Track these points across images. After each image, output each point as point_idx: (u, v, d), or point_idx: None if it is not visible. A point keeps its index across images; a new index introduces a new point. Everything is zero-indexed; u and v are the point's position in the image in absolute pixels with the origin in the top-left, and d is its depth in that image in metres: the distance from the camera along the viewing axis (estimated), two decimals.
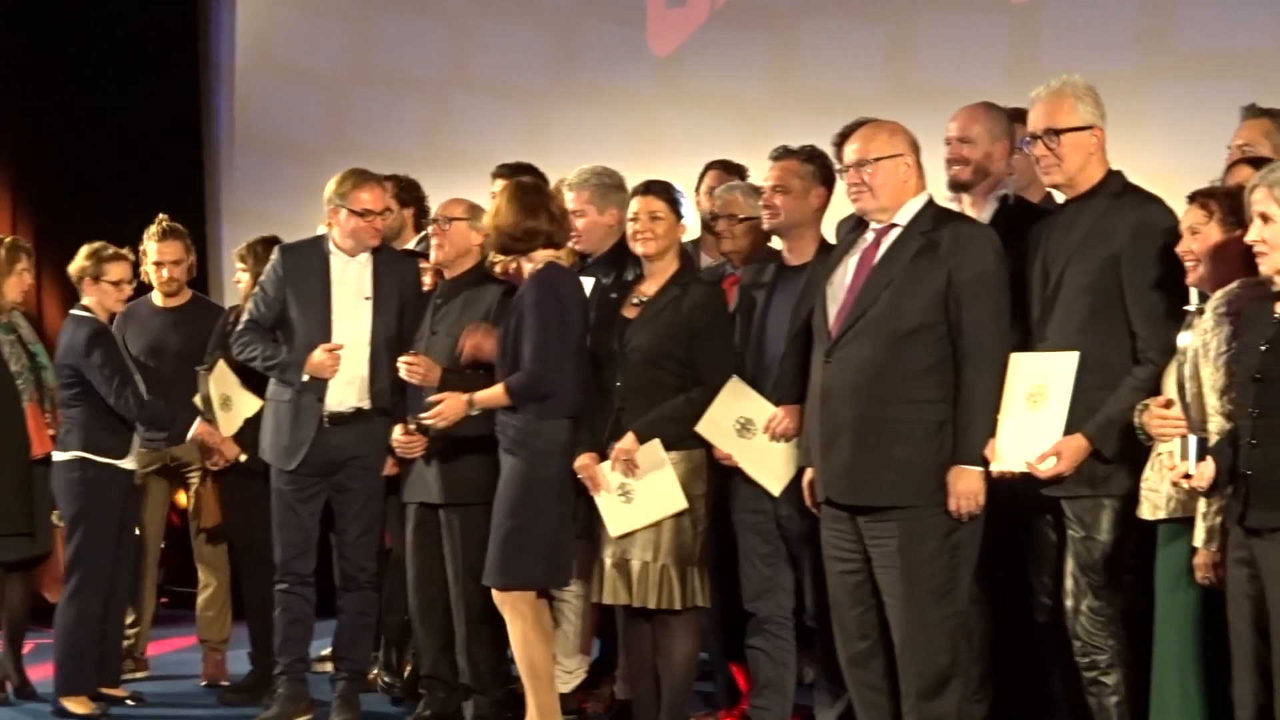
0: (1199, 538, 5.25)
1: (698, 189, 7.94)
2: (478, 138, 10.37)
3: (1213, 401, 5.23)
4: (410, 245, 8.11)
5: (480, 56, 10.73)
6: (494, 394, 6.72)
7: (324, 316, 7.38)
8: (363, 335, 7.39)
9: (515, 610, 6.74)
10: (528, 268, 6.76)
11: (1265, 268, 4.99)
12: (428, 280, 7.57)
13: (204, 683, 8.45)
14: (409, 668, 7.95)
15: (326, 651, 8.28)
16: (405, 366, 7.11)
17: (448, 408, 6.81)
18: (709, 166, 8.07)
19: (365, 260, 7.46)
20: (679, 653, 6.68)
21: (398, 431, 7.22)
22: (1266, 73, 7.98)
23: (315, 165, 9.02)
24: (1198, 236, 5.44)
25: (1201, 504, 5.24)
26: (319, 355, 7.30)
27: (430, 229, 7.40)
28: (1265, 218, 4.96)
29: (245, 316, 7.60)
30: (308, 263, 7.45)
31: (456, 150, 10.41)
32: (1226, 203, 5.40)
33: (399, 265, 7.58)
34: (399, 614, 7.72)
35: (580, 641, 7.37)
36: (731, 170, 7.94)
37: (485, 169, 8.11)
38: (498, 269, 7.24)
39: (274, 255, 7.55)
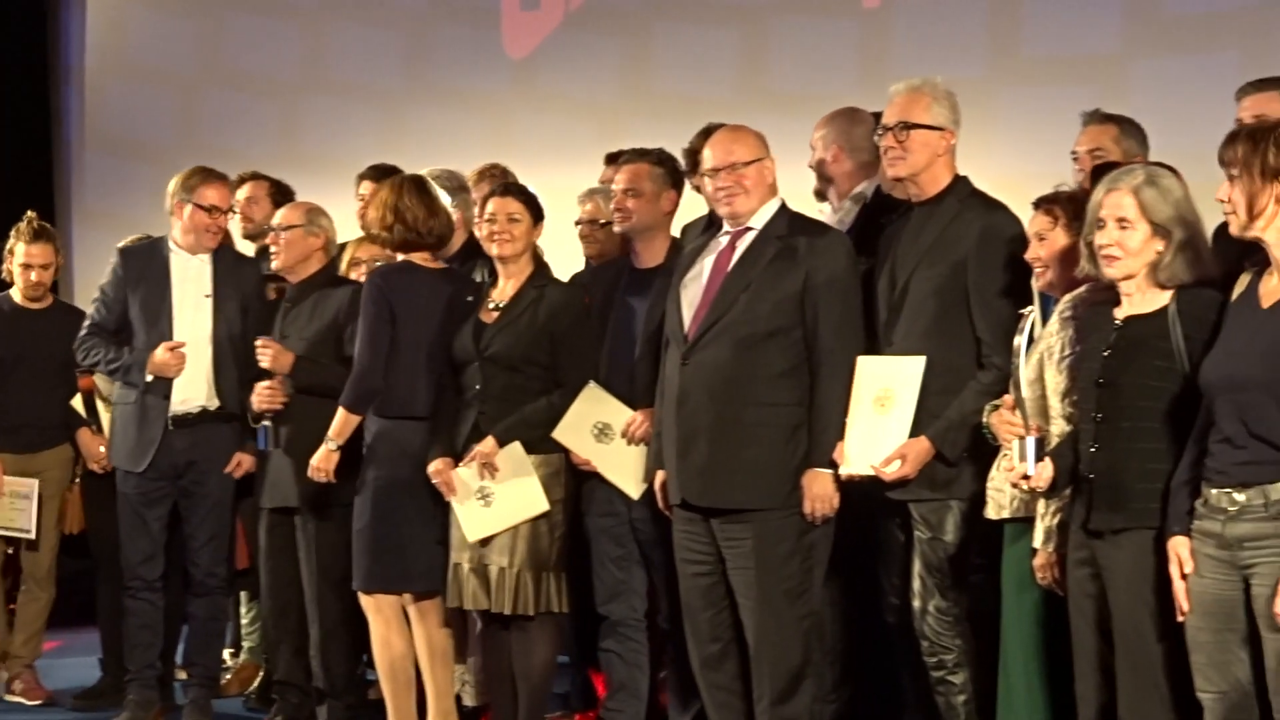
0: (1038, 538, 5.32)
1: None
2: (331, 139, 10.32)
3: (1055, 405, 5.30)
4: None
5: (333, 58, 10.68)
6: (339, 420, 6.70)
7: (165, 316, 7.34)
8: (204, 333, 7.36)
9: (378, 614, 6.72)
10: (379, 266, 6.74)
11: (1115, 272, 5.00)
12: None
13: (37, 703, 8.22)
14: (262, 673, 7.92)
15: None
16: (258, 349, 7.12)
17: (320, 460, 6.76)
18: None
19: (205, 260, 7.43)
20: (537, 658, 6.65)
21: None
22: (1111, 79, 8.11)
23: (167, 166, 8.91)
24: (1044, 242, 5.50)
25: (1040, 505, 5.31)
26: (161, 354, 7.24)
27: (268, 237, 7.37)
28: (1123, 222, 4.98)
29: (87, 321, 7.52)
30: (147, 263, 7.41)
31: (309, 152, 10.34)
32: (1071, 208, 5.45)
33: (239, 266, 7.57)
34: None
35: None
36: None
37: (339, 170, 8.08)
38: (355, 272, 7.24)
39: (114, 258, 7.49)
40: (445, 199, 7.07)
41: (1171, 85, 7.92)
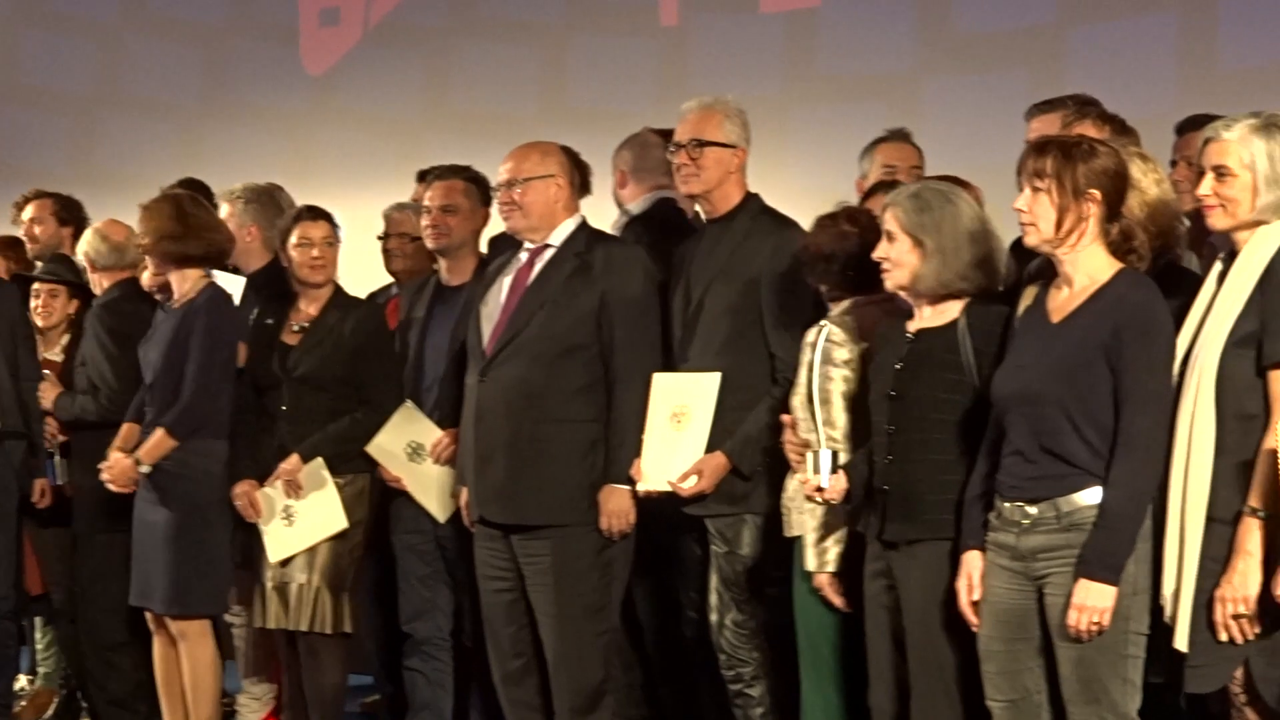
0: (809, 560, 5.38)
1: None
2: (127, 156, 10.18)
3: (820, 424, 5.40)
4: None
5: (129, 73, 10.54)
6: (157, 441, 6.51)
7: None
8: None
9: (184, 636, 6.62)
10: (185, 285, 6.64)
11: (889, 283, 5.09)
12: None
13: None
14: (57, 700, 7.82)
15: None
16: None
17: (117, 474, 6.61)
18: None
19: None
20: (328, 679, 6.62)
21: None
22: (903, 97, 8.21)
23: None
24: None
25: (809, 527, 5.38)
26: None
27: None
28: (890, 235, 5.06)
29: None
30: None
31: (105, 169, 10.20)
32: (866, 222, 5.54)
33: (2, 289, 7.50)
34: None
35: (256, 667, 7.24)
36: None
37: (135, 188, 7.97)
38: (148, 283, 7.19)
39: None
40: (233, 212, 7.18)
41: (962, 103, 8.06)
